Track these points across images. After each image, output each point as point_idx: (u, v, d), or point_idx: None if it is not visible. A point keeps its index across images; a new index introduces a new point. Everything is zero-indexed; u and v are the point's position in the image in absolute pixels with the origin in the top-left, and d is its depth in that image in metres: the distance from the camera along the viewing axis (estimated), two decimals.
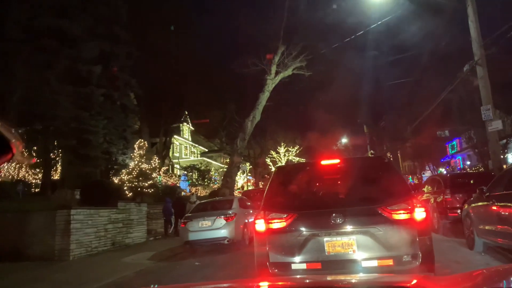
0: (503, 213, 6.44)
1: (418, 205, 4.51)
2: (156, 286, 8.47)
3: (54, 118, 16.68)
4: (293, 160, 43.19)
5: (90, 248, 11.14)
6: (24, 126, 17.42)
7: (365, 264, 4.32)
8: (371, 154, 40.21)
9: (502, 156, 15.25)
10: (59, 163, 20.09)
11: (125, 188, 19.16)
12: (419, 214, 4.40)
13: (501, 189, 6.83)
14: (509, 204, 6.21)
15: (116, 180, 19.42)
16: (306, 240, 4.44)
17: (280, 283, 2.56)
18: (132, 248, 12.61)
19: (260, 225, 4.69)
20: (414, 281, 2.03)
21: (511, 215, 6.14)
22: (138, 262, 10.03)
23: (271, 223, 4.62)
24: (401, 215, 4.39)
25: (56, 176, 20.22)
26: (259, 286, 2.68)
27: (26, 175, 21.32)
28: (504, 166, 12.16)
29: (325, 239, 4.41)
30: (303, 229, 4.49)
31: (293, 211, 4.61)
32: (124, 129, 20.72)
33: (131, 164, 20.30)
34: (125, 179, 19.67)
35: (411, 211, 4.40)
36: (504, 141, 22.80)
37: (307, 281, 2.97)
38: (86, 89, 17.34)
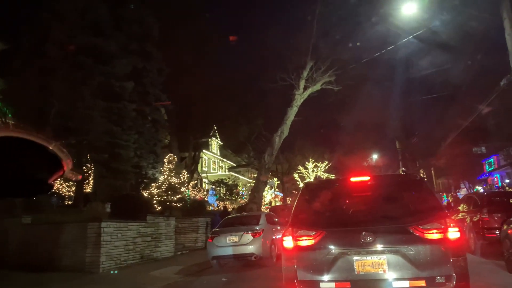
0: None
1: (451, 224, 4.39)
2: None
3: (87, 132, 17.20)
4: (322, 176, 42.71)
5: (119, 261, 11.26)
6: (59, 140, 18.04)
7: (396, 284, 4.21)
8: (403, 171, 39.22)
9: None
10: (91, 177, 20.63)
11: (154, 201, 19.40)
12: (453, 233, 4.29)
13: None
14: None
15: (145, 193, 19.72)
16: (335, 259, 4.37)
17: None
18: (160, 262, 12.67)
19: (288, 242, 4.65)
20: None
21: None
22: (166, 276, 10.05)
23: (299, 240, 4.57)
24: (434, 235, 4.29)
25: (88, 189, 20.76)
26: None
27: (61, 187, 22.00)
28: None
29: (355, 258, 4.33)
30: (332, 247, 4.42)
31: (322, 228, 4.56)
32: (155, 144, 21.12)
33: (161, 178, 20.59)
34: (154, 192, 19.94)
35: (444, 231, 4.29)
36: None
37: None
38: (119, 104, 17.85)
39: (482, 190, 32.68)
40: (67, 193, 22.04)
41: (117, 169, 17.80)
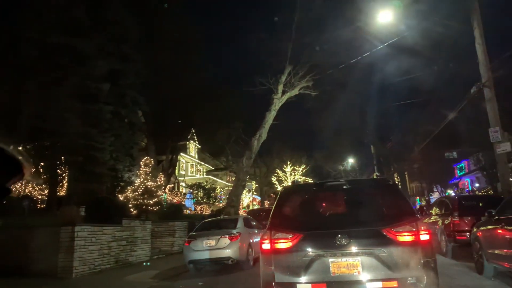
0: None
1: (422, 228, 4.54)
2: None
3: (62, 134, 16.83)
4: (299, 180, 43.03)
5: (93, 266, 11.05)
6: (32, 142, 17.59)
7: (370, 285, 4.35)
8: (376, 176, 40.06)
9: (511, 179, 15.01)
10: (65, 179, 20.16)
11: (130, 205, 19.13)
12: (424, 236, 4.45)
13: (510, 213, 6.72)
14: None
15: (121, 197, 19.41)
16: (312, 261, 4.47)
17: None
18: (136, 266, 12.50)
19: (266, 245, 4.73)
20: None
21: None
22: (141, 281, 9.92)
23: (277, 242, 4.66)
24: (405, 237, 4.44)
25: (62, 192, 20.27)
26: None
27: (33, 190, 21.41)
28: None
29: (331, 259, 4.45)
30: (308, 249, 4.52)
31: (299, 231, 4.64)
32: (131, 146, 20.84)
33: (137, 182, 20.31)
34: (131, 196, 19.65)
35: (415, 234, 4.45)
36: None
37: None
38: (95, 106, 17.53)
39: (453, 194, 33.64)
40: (40, 197, 21.46)
41: (93, 172, 17.46)
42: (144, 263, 13.13)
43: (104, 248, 11.68)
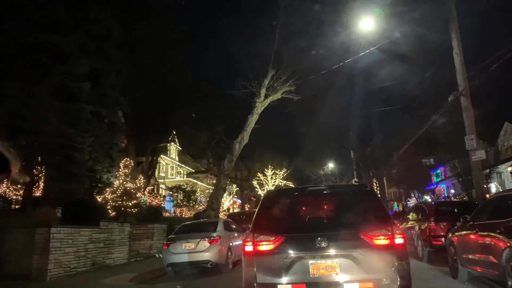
0: (485, 242, 6.49)
1: (397, 232, 4.76)
2: None
3: (39, 133, 16.45)
4: (281, 184, 43.19)
5: (69, 268, 10.82)
6: (8, 141, 17.12)
7: (347, 286, 4.54)
8: (355, 181, 40.77)
9: (485, 186, 15.43)
10: (42, 180, 19.69)
11: (109, 207, 18.82)
12: (398, 240, 4.67)
13: (484, 219, 6.91)
14: (492, 234, 6.27)
15: (99, 198, 19.07)
16: (292, 262, 4.64)
17: None
18: (113, 269, 12.29)
19: (249, 247, 4.88)
20: None
21: (493, 245, 6.19)
22: (118, 284, 9.77)
23: (259, 244, 4.81)
24: (381, 241, 4.65)
25: (38, 193, 19.78)
26: None
27: (7, 191, 20.82)
28: (487, 196, 12.31)
29: (310, 261, 4.62)
30: (289, 251, 4.69)
31: (281, 234, 4.79)
32: (111, 147, 20.50)
33: (116, 183, 20.00)
34: (109, 198, 19.33)
35: (390, 237, 4.66)
36: (487, 170, 23.16)
37: None
38: (75, 105, 17.19)
39: (430, 200, 34.35)
40: (14, 197, 20.90)
41: (70, 173, 17.10)
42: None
43: (80, 250, 11.46)
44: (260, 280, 4.72)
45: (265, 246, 4.79)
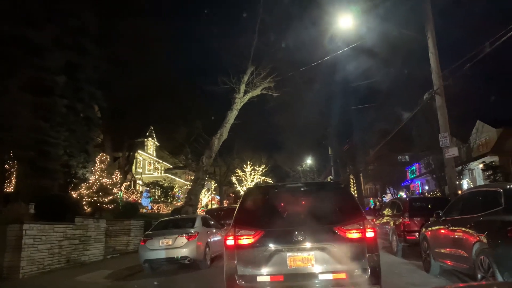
0: (457, 237, 6.70)
1: (368, 226, 5.10)
2: None
3: (12, 128, 15.96)
4: (260, 179, 43.37)
5: (43, 266, 10.58)
6: None
7: (322, 277, 4.88)
8: (330, 179, 41.61)
9: (457, 182, 15.87)
10: (14, 175, 19.12)
11: (84, 203, 18.45)
12: (369, 233, 5.02)
13: (455, 214, 7.12)
14: (463, 229, 6.47)
15: (74, 194, 18.67)
16: (271, 255, 4.95)
17: None
18: (88, 266, 12.10)
19: (230, 241, 5.14)
20: None
21: (464, 239, 6.39)
22: (94, 281, 9.63)
23: (240, 239, 5.09)
24: (353, 234, 4.99)
25: (10, 189, 19.21)
26: None
27: None
28: (459, 192, 12.68)
29: (288, 254, 4.93)
30: (268, 245, 5.00)
31: (261, 228, 5.10)
32: (86, 142, 20.08)
33: (92, 179, 19.61)
34: (84, 193, 18.95)
35: (362, 231, 5.00)
36: (460, 167, 23.85)
37: None
38: (49, 99, 16.75)
39: (404, 196, 35.13)
40: None
41: (44, 168, 16.66)
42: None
43: (54, 247, 11.22)
44: (241, 272, 4.98)
45: (246, 240, 5.05)
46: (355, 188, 39.94)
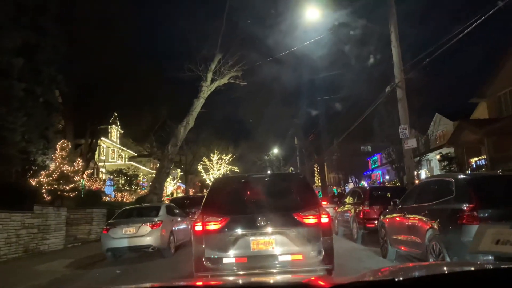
0: (411, 224, 7.05)
1: (323, 212, 5.62)
2: None
3: None
4: (226, 168, 43.39)
5: None
6: None
7: (281, 258, 5.38)
8: (291, 170, 42.62)
9: (415, 172, 16.58)
10: None
11: (44, 191, 17.87)
12: (324, 219, 5.55)
13: (411, 202, 7.48)
14: (417, 216, 6.82)
15: (33, 182, 18.02)
16: (236, 239, 5.41)
17: (200, 283, 2.70)
18: (48, 255, 11.80)
19: (199, 226, 5.56)
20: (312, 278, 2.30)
21: (418, 226, 6.74)
22: (53, 270, 9.41)
23: (208, 225, 5.50)
24: (310, 219, 5.51)
25: None
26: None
27: None
28: (417, 181, 13.25)
29: (251, 238, 5.41)
30: (234, 230, 5.45)
31: (227, 215, 5.54)
32: (46, 128, 19.32)
33: (52, 166, 18.97)
34: (44, 181, 18.33)
35: (318, 217, 5.52)
36: (418, 158, 24.83)
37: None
38: (5, 82, 15.97)
39: (366, 185, 36.25)
40: None
41: (0, 154, 15.96)
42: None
43: (11, 236, 10.88)
44: (208, 255, 5.42)
45: (213, 225, 5.47)
46: (319, 177, 40.78)
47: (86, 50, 22.73)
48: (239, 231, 5.44)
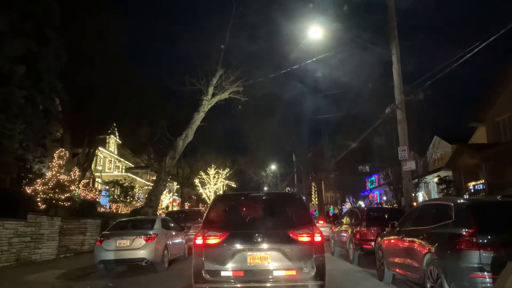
0: (409, 247, 6.96)
1: (316, 231, 5.91)
2: None
3: None
4: (223, 183, 43.23)
5: None
6: None
7: (276, 273, 5.68)
8: (288, 190, 42.92)
9: (413, 194, 16.48)
10: None
11: (39, 199, 17.71)
12: (317, 237, 5.85)
13: (409, 225, 7.40)
14: (415, 240, 6.74)
15: (29, 190, 17.87)
16: (234, 253, 5.71)
17: None
18: (40, 265, 11.61)
19: (199, 240, 5.86)
20: None
21: (416, 250, 6.66)
22: (44, 280, 9.24)
23: (208, 238, 5.82)
24: (304, 238, 5.80)
25: None
26: None
27: None
28: (415, 203, 13.17)
29: (248, 253, 5.71)
30: (232, 245, 5.75)
31: (226, 230, 5.86)
32: (44, 136, 19.22)
33: (48, 174, 18.84)
34: (40, 189, 18.18)
35: (311, 235, 5.82)
36: (416, 180, 24.76)
37: None
38: (6, 89, 15.96)
39: (363, 205, 36.09)
40: None
41: None
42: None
43: (3, 244, 10.73)
44: (207, 267, 5.71)
45: (213, 240, 5.79)
46: (316, 195, 40.60)
47: (88, 61, 22.86)
48: (237, 246, 5.72)
